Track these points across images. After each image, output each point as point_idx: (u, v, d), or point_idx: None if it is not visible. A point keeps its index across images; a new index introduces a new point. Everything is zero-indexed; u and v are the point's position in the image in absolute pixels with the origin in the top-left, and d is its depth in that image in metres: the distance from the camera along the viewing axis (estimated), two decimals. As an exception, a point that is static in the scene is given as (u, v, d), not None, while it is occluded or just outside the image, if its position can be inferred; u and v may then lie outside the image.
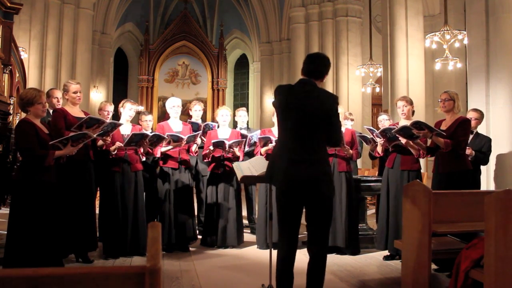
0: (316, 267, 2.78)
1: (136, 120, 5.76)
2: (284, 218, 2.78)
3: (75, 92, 4.17)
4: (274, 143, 4.73)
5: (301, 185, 2.70)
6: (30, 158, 3.59)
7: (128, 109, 4.59)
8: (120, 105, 4.69)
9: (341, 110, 5.02)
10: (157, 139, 4.52)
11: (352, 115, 5.72)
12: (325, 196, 2.74)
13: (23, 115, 3.86)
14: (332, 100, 2.80)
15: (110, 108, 4.93)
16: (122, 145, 4.33)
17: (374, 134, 4.66)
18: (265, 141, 4.84)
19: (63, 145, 3.65)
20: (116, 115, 4.86)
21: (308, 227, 2.83)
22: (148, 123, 5.46)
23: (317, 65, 2.84)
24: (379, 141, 4.60)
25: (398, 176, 4.50)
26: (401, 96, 4.84)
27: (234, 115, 6.12)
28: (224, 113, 5.19)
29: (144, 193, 4.93)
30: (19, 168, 3.73)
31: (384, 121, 5.39)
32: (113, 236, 4.35)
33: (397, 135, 4.29)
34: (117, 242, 4.36)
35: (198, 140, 4.99)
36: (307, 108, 2.72)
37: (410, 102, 4.63)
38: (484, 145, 4.82)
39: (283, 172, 2.72)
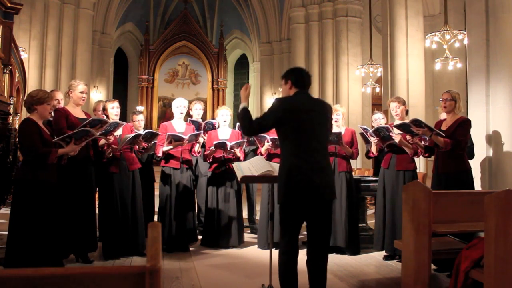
0: (320, 268, 2.84)
1: (125, 118, 5.75)
2: (295, 221, 2.85)
3: (81, 92, 4.17)
4: (270, 143, 4.77)
5: (318, 190, 2.79)
6: (33, 156, 3.59)
7: (111, 108, 4.54)
8: (101, 108, 4.69)
9: (344, 110, 5.03)
10: (151, 135, 4.57)
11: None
12: (331, 200, 2.91)
13: (24, 115, 3.86)
14: (329, 106, 3.14)
15: None
16: (117, 148, 4.34)
17: (368, 134, 4.65)
18: (263, 140, 4.87)
19: (65, 143, 3.65)
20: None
21: (312, 229, 2.87)
22: (140, 123, 5.47)
23: (311, 80, 3.08)
24: (373, 140, 4.60)
25: (394, 176, 4.50)
26: (392, 98, 4.84)
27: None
28: (224, 113, 5.19)
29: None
30: (20, 167, 3.73)
31: (379, 119, 5.22)
32: (112, 236, 4.34)
33: (390, 134, 4.32)
34: (116, 242, 4.35)
35: (201, 140, 5.00)
36: (317, 114, 2.90)
37: (403, 102, 4.62)
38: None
39: (305, 178, 2.77)
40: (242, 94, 3.13)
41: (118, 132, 4.49)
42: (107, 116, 4.54)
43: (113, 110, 4.52)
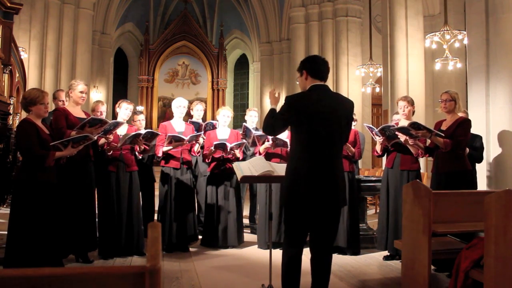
0: (323, 268, 2.80)
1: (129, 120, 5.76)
2: (299, 225, 2.79)
3: (81, 92, 4.18)
4: (271, 141, 4.78)
5: (322, 198, 2.70)
6: (30, 158, 3.59)
7: (124, 109, 4.59)
8: (117, 105, 4.71)
9: None
10: (151, 135, 4.57)
11: (355, 115, 5.63)
12: (337, 207, 2.80)
13: (23, 115, 3.86)
14: (352, 104, 2.95)
15: (103, 108, 4.82)
16: (117, 145, 4.34)
17: (373, 133, 4.65)
18: (263, 139, 4.89)
19: (63, 146, 3.65)
20: (113, 116, 4.86)
21: (316, 233, 2.82)
22: (141, 123, 5.48)
23: (328, 68, 2.91)
24: (378, 139, 4.60)
25: (398, 176, 4.50)
26: (402, 96, 4.83)
27: (244, 115, 6.16)
28: (226, 113, 5.20)
29: (141, 193, 4.93)
30: (20, 168, 3.74)
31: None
32: (108, 236, 4.34)
33: (396, 133, 4.31)
34: (112, 242, 4.35)
35: (200, 140, 5.00)
36: (332, 114, 2.75)
37: (412, 103, 4.63)
38: (476, 143, 4.87)
39: (308, 186, 2.67)
40: (272, 98, 3.08)
41: (122, 131, 4.49)
42: (116, 116, 4.56)
43: (126, 111, 4.60)
